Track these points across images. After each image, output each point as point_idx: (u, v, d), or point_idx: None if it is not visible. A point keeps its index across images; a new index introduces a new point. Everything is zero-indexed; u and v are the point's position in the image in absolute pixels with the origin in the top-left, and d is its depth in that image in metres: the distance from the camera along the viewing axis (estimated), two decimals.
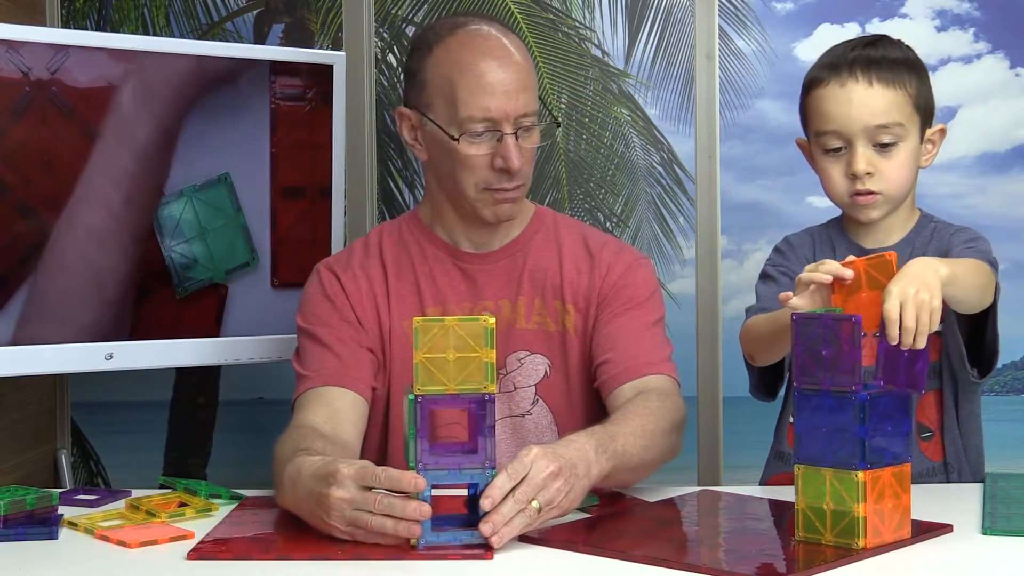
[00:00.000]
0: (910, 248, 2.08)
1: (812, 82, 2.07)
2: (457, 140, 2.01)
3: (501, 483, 1.65)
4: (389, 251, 2.14)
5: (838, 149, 2.05)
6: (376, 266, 2.13)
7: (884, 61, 2.04)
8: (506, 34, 2.07)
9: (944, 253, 2.04)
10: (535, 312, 2.12)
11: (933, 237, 2.10)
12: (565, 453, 1.71)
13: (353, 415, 2.02)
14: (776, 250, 2.18)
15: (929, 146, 2.09)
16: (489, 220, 2.08)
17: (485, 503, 1.63)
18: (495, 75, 2.01)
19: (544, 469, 1.67)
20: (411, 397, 1.63)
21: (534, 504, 1.66)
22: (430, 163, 2.10)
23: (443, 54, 2.04)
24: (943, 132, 2.10)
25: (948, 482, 2.07)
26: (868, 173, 2.02)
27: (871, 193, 2.04)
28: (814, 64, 2.10)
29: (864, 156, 2.02)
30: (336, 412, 2.00)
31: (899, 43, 2.10)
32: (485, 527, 1.63)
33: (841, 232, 2.14)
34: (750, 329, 2.07)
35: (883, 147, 2.03)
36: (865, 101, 2.02)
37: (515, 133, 2.02)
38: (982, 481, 2.01)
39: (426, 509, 1.63)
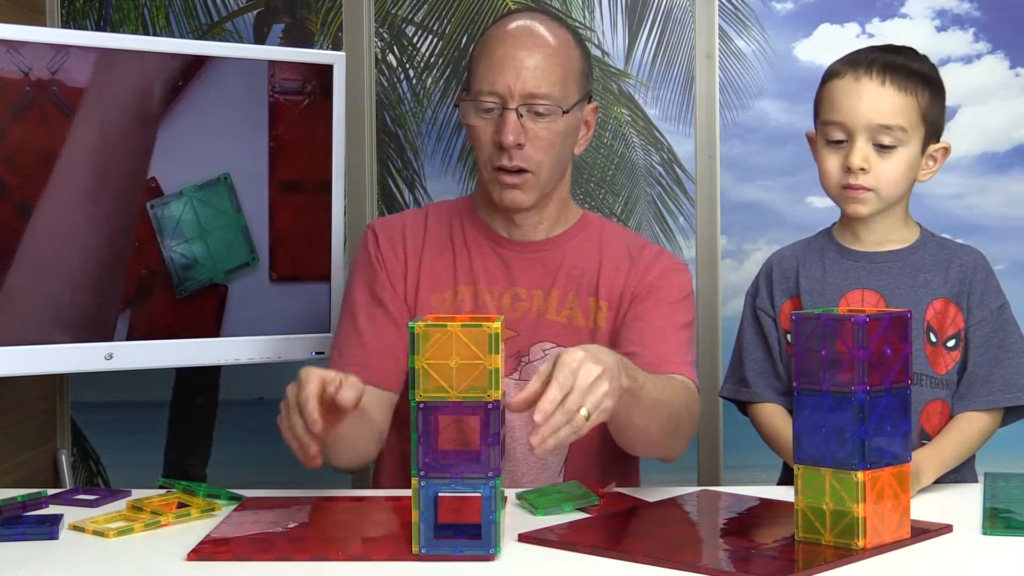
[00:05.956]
0: (908, 260, 2.10)
1: (830, 74, 2.11)
2: (458, 106, 2.10)
3: (553, 396, 1.62)
4: (434, 226, 2.19)
5: (840, 142, 2.07)
6: (417, 238, 2.18)
7: (903, 68, 2.07)
8: (545, 22, 2.11)
9: (962, 285, 2.08)
10: (566, 306, 2.15)
11: (941, 252, 2.12)
12: (604, 358, 1.69)
13: (377, 407, 2.08)
14: (754, 285, 2.19)
15: (931, 162, 2.11)
16: (499, 205, 2.12)
17: (538, 417, 1.61)
18: (508, 52, 2.07)
19: (591, 373, 1.65)
20: (413, 404, 1.60)
21: (583, 412, 1.64)
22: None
23: (481, 41, 2.13)
24: (947, 151, 2.12)
25: None
26: (862, 169, 2.05)
27: (862, 188, 2.06)
28: (837, 59, 2.13)
29: (862, 151, 2.05)
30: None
31: (924, 58, 2.13)
32: (534, 439, 1.61)
33: (831, 241, 2.15)
34: (770, 433, 2.12)
35: (882, 148, 2.06)
36: (874, 99, 2.05)
37: (516, 110, 2.05)
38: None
39: (312, 452, 1.74)
